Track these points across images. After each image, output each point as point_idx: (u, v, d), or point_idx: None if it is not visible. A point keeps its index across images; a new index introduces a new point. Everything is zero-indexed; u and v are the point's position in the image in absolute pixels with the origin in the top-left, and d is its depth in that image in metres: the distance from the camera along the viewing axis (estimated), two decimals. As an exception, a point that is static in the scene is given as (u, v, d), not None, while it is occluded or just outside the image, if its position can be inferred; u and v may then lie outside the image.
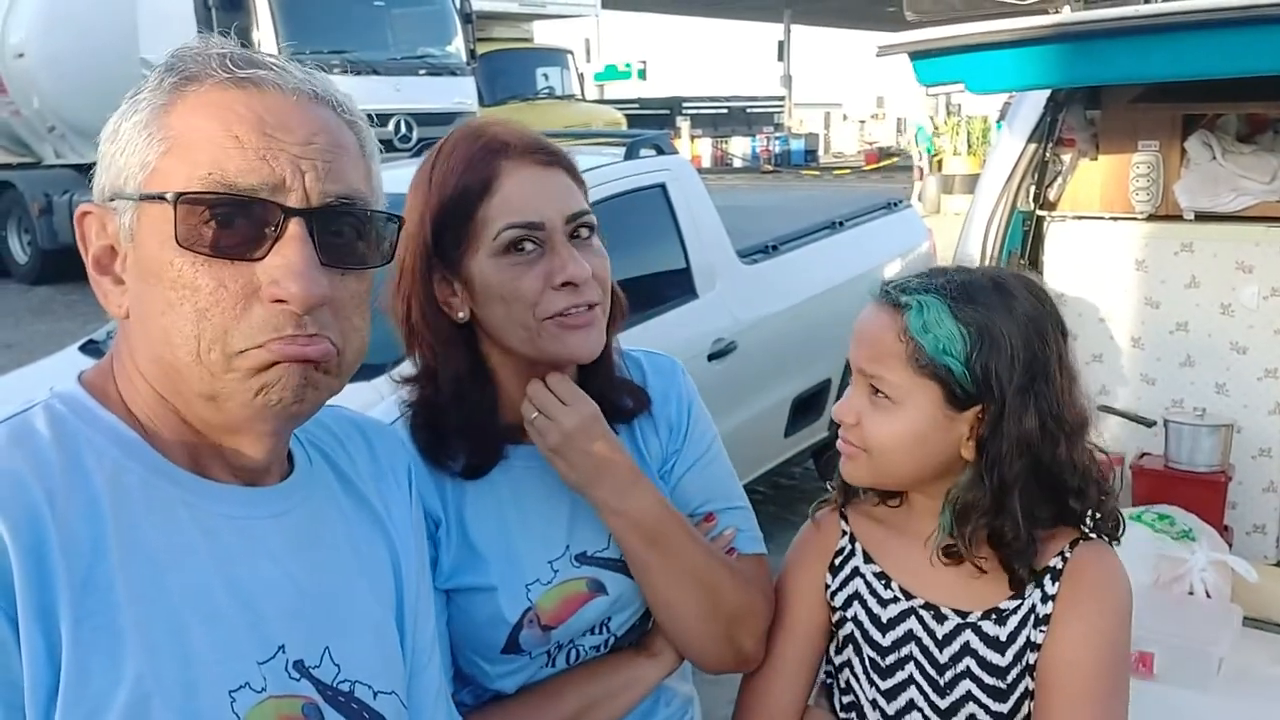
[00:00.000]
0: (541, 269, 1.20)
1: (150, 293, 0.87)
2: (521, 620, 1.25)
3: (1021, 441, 1.17)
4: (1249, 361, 2.72)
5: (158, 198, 0.85)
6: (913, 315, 1.18)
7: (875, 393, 1.21)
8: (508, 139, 1.23)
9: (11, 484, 0.81)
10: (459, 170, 1.20)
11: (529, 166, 1.22)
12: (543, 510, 1.29)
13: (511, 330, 1.22)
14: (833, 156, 36.64)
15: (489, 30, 15.56)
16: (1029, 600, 1.22)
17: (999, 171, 2.95)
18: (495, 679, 1.26)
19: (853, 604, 1.31)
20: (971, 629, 1.23)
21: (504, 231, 1.19)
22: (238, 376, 0.86)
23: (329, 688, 0.94)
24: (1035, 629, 1.21)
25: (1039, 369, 1.18)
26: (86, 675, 0.79)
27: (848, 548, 1.33)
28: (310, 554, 0.97)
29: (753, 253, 4.71)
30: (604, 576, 1.29)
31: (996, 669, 1.22)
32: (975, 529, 1.19)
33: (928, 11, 2.48)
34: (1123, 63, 2.28)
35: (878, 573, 1.30)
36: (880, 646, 1.28)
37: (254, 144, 0.86)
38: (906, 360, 1.18)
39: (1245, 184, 2.70)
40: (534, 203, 1.20)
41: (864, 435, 1.22)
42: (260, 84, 0.89)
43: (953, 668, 1.24)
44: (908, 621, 1.26)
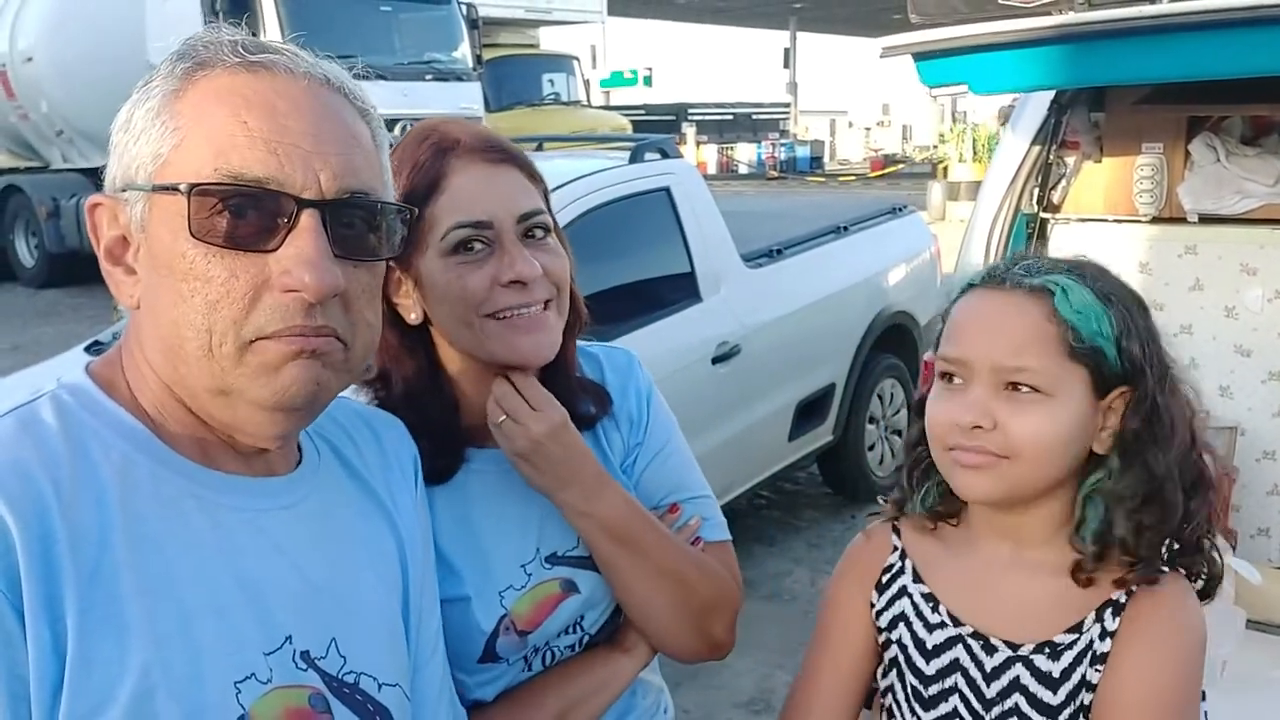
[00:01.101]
0: (489, 269, 1.18)
1: (162, 285, 0.87)
2: (498, 628, 1.23)
3: (1176, 421, 1.10)
4: (1253, 364, 2.72)
5: (170, 189, 0.85)
6: (1059, 297, 1.08)
7: (1015, 388, 1.08)
8: (458, 136, 1.20)
9: (18, 475, 0.81)
10: (407, 170, 1.17)
11: (478, 164, 1.19)
12: (512, 513, 1.27)
13: (458, 331, 1.20)
14: (838, 163, 36.62)
15: (495, 36, 15.58)
16: (1086, 635, 1.11)
17: (1003, 174, 2.95)
18: (474, 689, 1.24)
19: (898, 625, 1.21)
20: (1022, 663, 1.12)
21: (451, 231, 1.17)
22: (248, 373, 0.86)
23: (335, 679, 0.94)
24: (1092, 668, 1.10)
25: (1165, 351, 1.13)
26: (92, 666, 0.79)
27: (898, 564, 1.23)
28: (318, 545, 0.97)
29: (757, 257, 4.71)
30: (576, 575, 1.28)
31: (1048, 708, 1.11)
32: (1125, 531, 1.09)
33: (932, 14, 2.48)
34: (1127, 64, 2.28)
35: (926, 594, 1.20)
36: (924, 675, 1.18)
37: (265, 132, 0.86)
38: (1059, 344, 1.08)
39: (1249, 186, 2.70)
40: (482, 201, 1.18)
41: (1008, 439, 1.07)
42: (272, 68, 0.89)
43: (1000, 704, 1.13)
44: (954, 650, 1.17)
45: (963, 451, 1.10)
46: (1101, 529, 1.10)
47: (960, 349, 1.12)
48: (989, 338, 1.10)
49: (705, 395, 4.04)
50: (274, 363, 0.86)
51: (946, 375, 1.13)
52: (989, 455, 1.09)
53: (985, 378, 1.09)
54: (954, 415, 1.10)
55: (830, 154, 37.07)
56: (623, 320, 3.82)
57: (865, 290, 5.19)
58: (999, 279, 1.13)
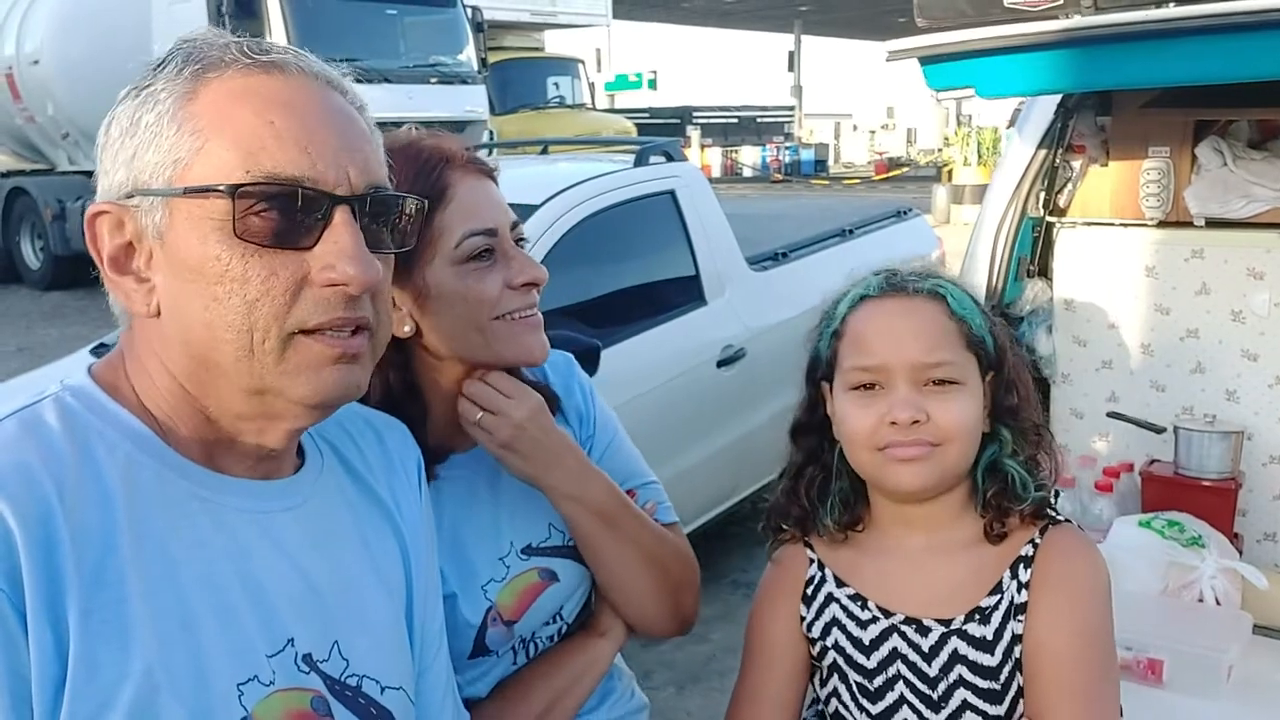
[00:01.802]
0: (499, 273, 1.23)
1: (189, 289, 0.86)
2: (485, 621, 1.26)
3: (1027, 380, 1.26)
4: (1260, 369, 2.71)
5: (207, 190, 0.84)
6: (950, 298, 1.22)
7: (935, 384, 1.19)
8: (449, 150, 1.25)
9: (22, 476, 0.81)
10: (409, 181, 1.17)
11: (473, 176, 1.24)
12: (483, 512, 1.30)
13: (465, 337, 1.23)
14: (842, 166, 36.65)
15: (500, 39, 15.62)
16: (1007, 592, 1.20)
17: (1009, 178, 2.94)
18: (466, 686, 1.26)
19: (831, 631, 1.27)
20: (957, 634, 1.20)
21: (466, 239, 1.21)
22: (289, 370, 0.87)
23: (337, 682, 0.94)
24: (1015, 620, 1.19)
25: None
26: (94, 668, 0.79)
27: (817, 575, 1.30)
28: (321, 547, 0.97)
29: (762, 260, 4.71)
30: (552, 564, 1.32)
31: (988, 670, 1.19)
32: (1021, 483, 1.22)
33: (938, 17, 2.47)
34: (1133, 68, 2.27)
35: (852, 595, 1.26)
36: (866, 669, 1.24)
37: (293, 131, 0.86)
38: (959, 338, 1.21)
39: (1256, 190, 2.69)
40: (487, 210, 1.23)
41: (937, 428, 1.18)
42: (284, 68, 0.89)
43: (944, 679, 1.21)
44: (891, 639, 1.23)
45: (900, 447, 1.18)
46: (1000, 488, 1.22)
47: (878, 357, 1.20)
48: (903, 341, 1.20)
49: (710, 398, 4.04)
50: (315, 363, 0.87)
51: (863, 385, 1.21)
52: (926, 445, 1.18)
53: (906, 377, 1.19)
54: (886, 416, 1.18)
55: (835, 157, 37.10)
56: (627, 323, 3.82)
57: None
58: (896, 287, 1.23)
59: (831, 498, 1.29)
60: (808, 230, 5.38)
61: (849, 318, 1.24)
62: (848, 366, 1.22)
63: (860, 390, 1.21)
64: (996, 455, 1.23)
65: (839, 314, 1.26)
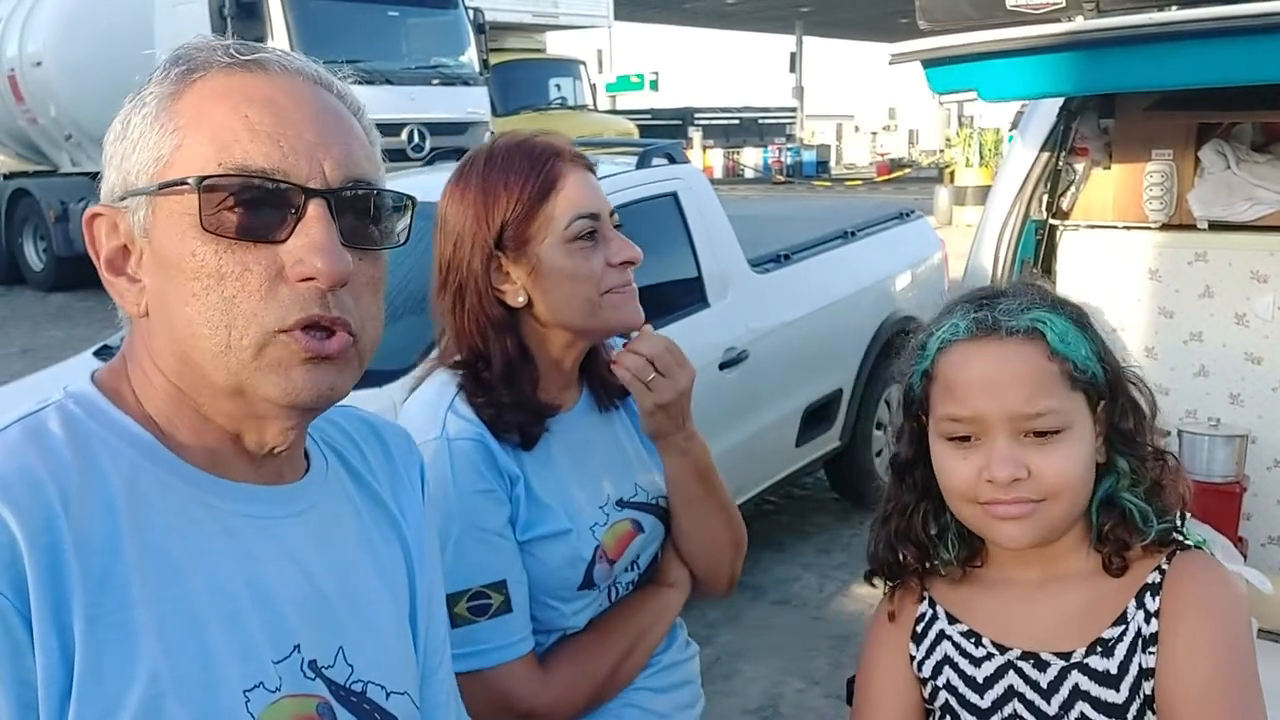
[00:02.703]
0: (601, 252, 1.39)
1: (171, 286, 0.86)
2: (594, 557, 1.42)
3: (1141, 403, 1.15)
4: (1264, 372, 2.71)
5: (178, 184, 0.85)
6: (1049, 333, 1.10)
7: (1037, 435, 1.09)
8: (557, 147, 1.41)
9: (26, 483, 0.81)
10: (522, 171, 1.37)
11: (579, 169, 1.41)
12: (585, 467, 1.46)
13: (575, 306, 1.39)
14: (844, 168, 36.66)
15: (502, 40, 15.62)
16: (1133, 623, 1.11)
17: (1012, 180, 2.94)
18: (570, 616, 1.43)
19: (943, 670, 1.19)
20: (1078, 669, 1.12)
21: (575, 221, 1.37)
22: (263, 368, 0.86)
23: (342, 688, 0.94)
24: (1144, 653, 1.09)
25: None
26: (100, 674, 0.79)
27: (928, 612, 1.23)
28: (326, 553, 0.97)
29: (765, 262, 4.71)
30: (640, 517, 1.50)
31: (1113, 708, 1.10)
32: (1140, 516, 1.13)
33: (941, 20, 2.48)
34: (1136, 71, 2.27)
35: (965, 631, 1.19)
36: (980, 710, 1.17)
37: (267, 125, 0.86)
38: (1062, 380, 1.10)
39: (1260, 193, 2.69)
40: (590, 198, 1.40)
41: (1040, 484, 1.09)
42: (266, 66, 0.89)
43: (1064, 717, 1.12)
44: (1006, 677, 1.15)
45: (1001, 505, 1.10)
46: (1117, 522, 1.13)
47: (972, 408, 1.11)
48: (1000, 392, 1.10)
49: (712, 401, 4.03)
50: (287, 363, 0.86)
51: (958, 437, 1.12)
52: (1029, 503, 1.09)
53: (1004, 429, 1.09)
54: (983, 473, 1.10)
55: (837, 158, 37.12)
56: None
57: (872, 295, 5.18)
58: (988, 328, 1.12)
59: (948, 532, 1.21)
60: (810, 232, 5.37)
61: (939, 360, 1.14)
62: (940, 415, 1.14)
63: (956, 441, 1.13)
64: (1113, 489, 1.14)
65: (929, 352, 1.15)
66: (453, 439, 1.35)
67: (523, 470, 1.38)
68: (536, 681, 1.36)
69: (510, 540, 1.37)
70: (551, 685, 1.37)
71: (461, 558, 1.33)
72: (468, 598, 1.33)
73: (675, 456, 1.49)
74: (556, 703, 1.38)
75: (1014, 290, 1.16)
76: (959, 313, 1.14)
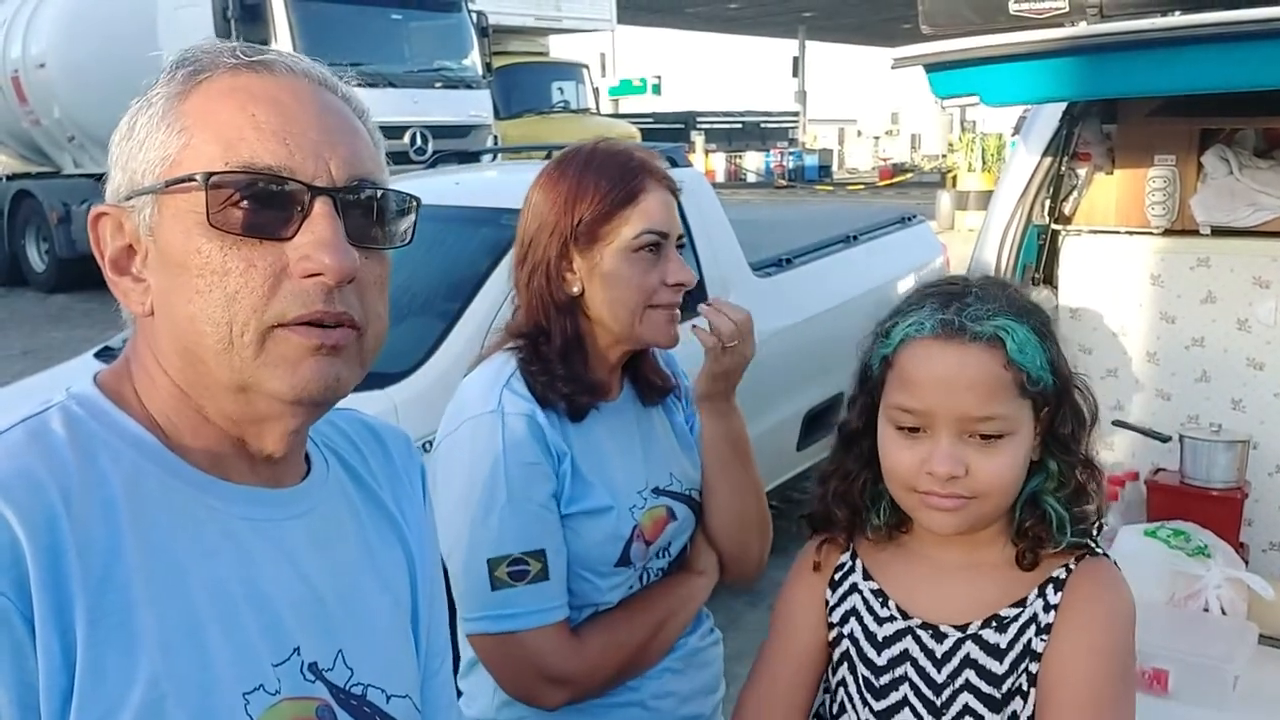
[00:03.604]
0: (659, 269, 1.49)
1: (175, 284, 0.87)
2: (632, 535, 1.51)
3: (1083, 409, 1.21)
4: (1266, 377, 2.70)
5: (185, 180, 0.85)
6: (1009, 342, 1.14)
7: (981, 437, 1.15)
8: (650, 164, 1.51)
9: (28, 485, 0.81)
10: (612, 177, 1.48)
11: (661, 188, 1.50)
12: (626, 453, 1.56)
13: (619, 311, 1.49)
14: (847, 172, 36.68)
15: (505, 44, 15.62)
16: (1030, 608, 1.20)
17: (1014, 185, 2.94)
18: (605, 591, 1.51)
19: (849, 620, 1.28)
20: (972, 639, 1.21)
21: (644, 234, 1.47)
22: (267, 363, 0.86)
23: (342, 690, 0.94)
24: (1037, 637, 1.18)
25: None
26: (101, 675, 0.79)
27: (848, 563, 1.31)
28: (327, 556, 0.97)
29: (766, 266, 4.70)
30: (674, 505, 1.58)
31: (994, 677, 1.19)
32: (1060, 519, 1.19)
33: (943, 24, 2.48)
34: (1139, 76, 2.27)
35: (875, 590, 1.27)
36: (875, 665, 1.25)
37: (273, 124, 0.87)
38: (1014, 388, 1.15)
39: (1262, 199, 2.69)
40: (664, 217, 1.49)
41: (975, 483, 1.15)
42: (272, 67, 0.90)
43: (950, 685, 1.21)
44: (904, 641, 1.24)
45: (935, 497, 1.17)
46: (1036, 521, 1.20)
47: (924, 402, 1.16)
48: (953, 392, 1.14)
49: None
50: (293, 356, 0.87)
51: (906, 426, 1.18)
52: (961, 499, 1.16)
53: (950, 427, 1.15)
54: (925, 465, 1.16)
55: (839, 163, 37.15)
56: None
57: (874, 300, 5.15)
58: (952, 329, 1.15)
59: (881, 500, 1.28)
60: (812, 236, 5.37)
61: (901, 351, 1.19)
62: (893, 402, 1.19)
63: (903, 430, 1.18)
64: (1039, 489, 1.21)
65: (893, 341, 1.20)
66: (507, 414, 1.45)
67: (570, 448, 1.47)
68: (569, 648, 1.44)
69: (554, 514, 1.45)
70: (583, 653, 1.45)
71: (505, 524, 1.41)
72: (508, 562, 1.41)
73: (717, 420, 1.60)
74: (587, 669, 1.45)
75: (983, 291, 1.19)
76: (928, 308, 1.18)
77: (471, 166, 5.37)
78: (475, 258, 3.53)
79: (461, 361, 3.22)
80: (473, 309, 3.31)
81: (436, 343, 3.24)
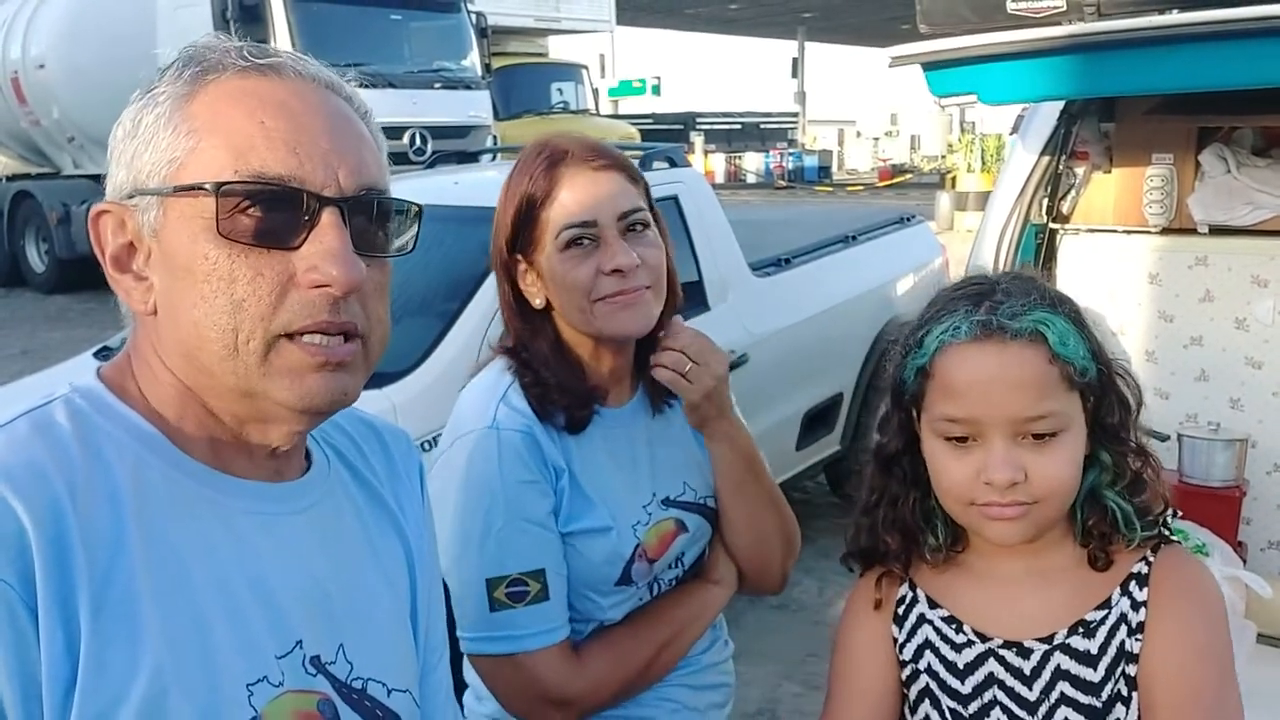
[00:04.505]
0: (594, 260, 1.39)
1: (180, 287, 0.87)
2: (633, 555, 1.45)
3: (1128, 395, 1.16)
4: (1264, 376, 2.71)
5: (194, 189, 0.85)
6: (1050, 335, 1.09)
7: (1035, 437, 1.09)
8: (568, 148, 1.42)
9: (34, 476, 0.82)
10: (525, 180, 1.41)
11: (585, 171, 1.40)
12: (632, 464, 1.50)
13: (572, 313, 1.42)
14: (846, 173, 36.66)
15: (504, 45, 15.63)
16: (1117, 608, 1.13)
17: (1012, 184, 2.94)
18: (607, 609, 1.47)
19: (924, 654, 1.19)
20: (1060, 650, 1.13)
21: (563, 232, 1.39)
22: (272, 374, 0.87)
23: (343, 684, 0.94)
24: (1130, 637, 1.12)
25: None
26: (104, 666, 0.79)
27: (909, 595, 1.22)
28: (329, 550, 0.97)
29: (765, 266, 4.71)
30: (685, 516, 1.52)
31: (1090, 686, 1.12)
32: (1123, 512, 1.14)
33: (941, 23, 2.48)
34: (1137, 74, 2.28)
35: (946, 617, 1.19)
36: (960, 695, 1.17)
37: (283, 132, 0.87)
38: (1062, 382, 1.09)
39: (1260, 197, 2.69)
40: (588, 204, 1.39)
41: (1035, 487, 1.09)
42: (281, 71, 0.90)
43: (1045, 701, 1.13)
44: (987, 664, 1.16)
45: (996, 507, 1.10)
46: (1100, 518, 1.15)
47: (971, 410, 1.10)
48: (1002, 395, 1.08)
49: (713, 404, 4.03)
50: (298, 369, 0.87)
51: (955, 437, 1.12)
52: (1020, 506, 1.10)
53: (1003, 431, 1.09)
54: (980, 475, 1.10)
55: (838, 163, 37.13)
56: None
57: (873, 300, 5.18)
58: (990, 330, 1.09)
59: (934, 518, 1.21)
60: (811, 236, 5.37)
61: (938, 359, 1.12)
62: (938, 414, 1.12)
63: (952, 441, 1.12)
64: (1096, 483, 1.15)
65: (928, 350, 1.13)
66: (502, 429, 1.40)
67: (569, 464, 1.42)
68: (570, 668, 1.40)
69: (552, 531, 1.41)
70: (585, 673, 1.41)
71: (503, 545, 1.38)
72: (507, 583, 1.38)
73: (722, 444, 1.52)
74: (589, 690, 1.41)
75: (1012, 286, 1.14)
76: (961, 311, 1.12)
77: (470, 167, 5.37)
78: (474, 258, 3.53)
79: (460, 361, 3.24)
80: (471, 309, 3.31)
81: (435, 343, 3.24)
